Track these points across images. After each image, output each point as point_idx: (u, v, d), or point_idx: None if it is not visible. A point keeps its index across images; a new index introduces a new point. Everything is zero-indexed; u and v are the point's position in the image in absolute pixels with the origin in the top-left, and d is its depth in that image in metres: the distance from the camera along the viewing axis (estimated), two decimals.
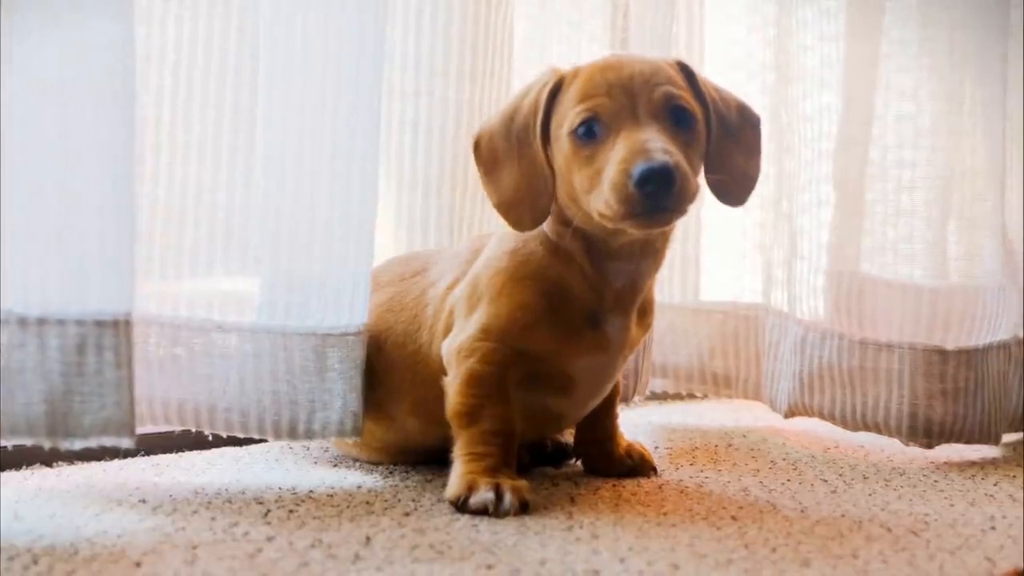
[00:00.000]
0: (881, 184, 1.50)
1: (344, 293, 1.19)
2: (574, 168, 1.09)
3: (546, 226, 1.15)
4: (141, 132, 1.18)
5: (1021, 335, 1.54)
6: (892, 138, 1.50)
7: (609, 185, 1.04)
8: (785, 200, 1.55)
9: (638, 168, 1.02)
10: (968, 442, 1.45)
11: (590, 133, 1.08)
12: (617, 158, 1.04)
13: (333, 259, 1.19)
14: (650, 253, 1.16)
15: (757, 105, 1.58)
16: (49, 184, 1.01)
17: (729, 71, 1.65)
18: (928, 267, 1.49)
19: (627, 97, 1.08)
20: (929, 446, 1.44)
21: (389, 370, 1.22)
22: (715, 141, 1.14)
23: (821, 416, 1.49)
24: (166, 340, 1.17)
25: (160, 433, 1.32)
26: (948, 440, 1.44)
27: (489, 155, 1.15)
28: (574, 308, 1.14)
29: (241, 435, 1.20)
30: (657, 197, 1.02)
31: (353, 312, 1.19)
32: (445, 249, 1.33)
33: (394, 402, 1.22)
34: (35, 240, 1.01)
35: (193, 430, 1.20)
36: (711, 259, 1.70)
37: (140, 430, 1.28)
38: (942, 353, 1.43)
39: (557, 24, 1.54)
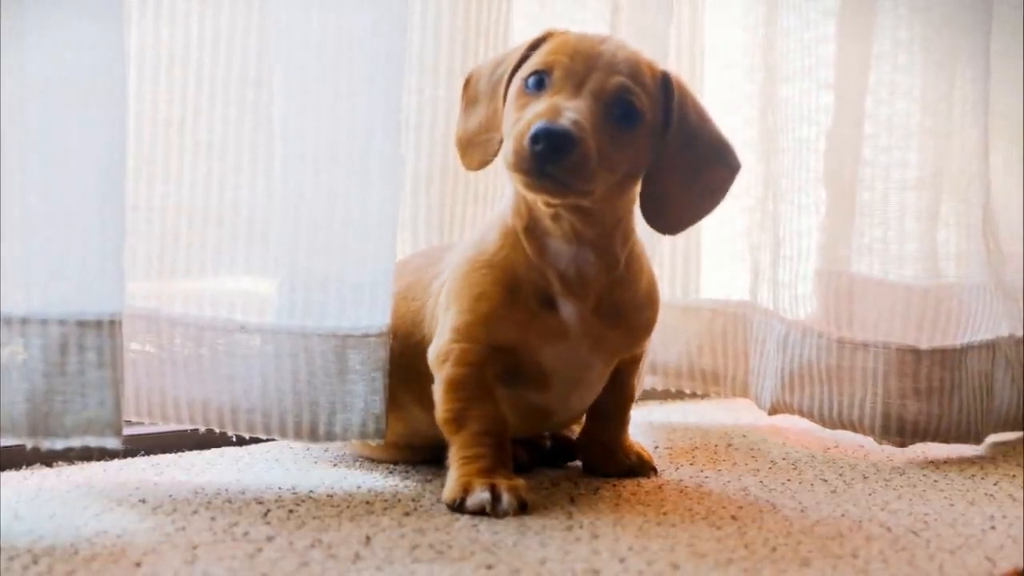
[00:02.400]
0: (866, 183, 1.50)
1: (364, 293, 1.19)
2: (510, 113, 1.11)
3: (508, 207, 1.16)
4: (165, 133, 1.19)
5: (1019, 335, 1.54)
6: (879, 137, 1.50)
7: (515, 133, 1.06)
8: (771, 199, 1.55)
9: (537, 125, 1.03)
10: (945, 441, 1.45)
11: (539, 85, 1.10)
12: (532, 112, 1.06)
13: (353, 258, 1.19)
14: (586, 241, 1.14)
15: (754, 105, 1.60)
16: (34, 184, 1.01)
17: (725, 70, 1.65)
18: (907, 267, 1.50)
19: (584, 68, 1.09)
20: (902, 445, 1.45)
21: (399, 357, 1.22)
22: (670, 157, 1.13)
23: (801, 414, 1.50)
24: (191, 340, 1.18)
25: (160, 433, 1.32)
26: (923, 439, 1.44)
27: (473, 93, 1.19)
28: (527, 291, 1.14)
29: (264, 436, 1.20)
30: (544, 159, 1.03)
31: (374, 312, 1.19)
32: (458, 243, 1.33)
33: (403, 390, 1.22)
34: (19, 240, 1.01)
35: (217, 430, 1.20)
36: (704, 257, 1.70)
37: (145, 430, 1.30)
38: (916, 352, 1.44)
39: (559, 23, 1.54)
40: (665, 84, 1.14)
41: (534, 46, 1.14)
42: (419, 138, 1.41)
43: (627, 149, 1.10)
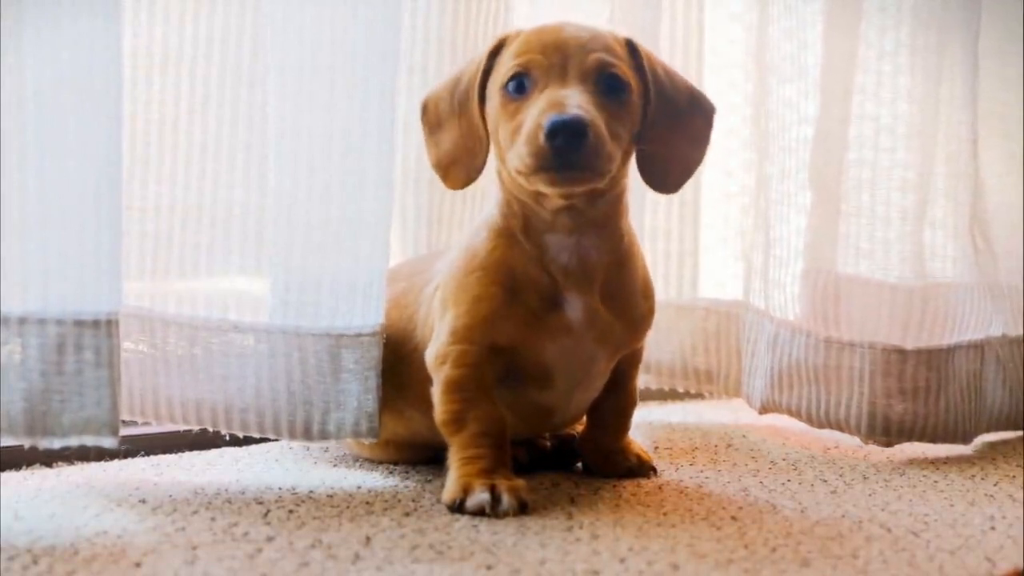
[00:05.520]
0: (852, 183, 1.50)
1: (358, 293, 1.19)
2: (501, 123, 1.11)
3: (496, 210, 1.16)
4: (159, 133, 1.19)
5: (1011, 334, 1.54)
6: (866, 137, 1.49)
7: (524, 138, 1.05)
8: (763, 199, 1.55)
9: (549, 119, 1.03)
10: (932, 441, 1.45)
11: (520, 88, 1.10)
12: (535, 111, 1.06)
13: (347, 258, 1.19)
14: (590, 226, 1.14)
15: (751, 104, 1.60)
16: (32, 183, 1.01)
17: (725, 69, 1.65)
18: (893, 267, 1.49)
19: (560, 56, 1.09)
20: (888, 444, 1.45)
21: (395, 363, 1.22)
22: (653, 117, 1.14)
23: (790, 413, 1.50)
24: (185, 340, 1.18)
25: (160, 433, 1.32)
26: (909, 439, 1.44)
27: (434, 116, 1.18)
28: (528, 291, 1.14)
29: (257, 435, 1.21)
30: (566, 151, 1.03)
31: (367, 312, 1.19)
32: (448, 249, 1.33)
33: (399, 395, 1.22)
34: (17, 239, 1.01)
35: (210, 429, 1.20)
36: (702, 257, 1.70)
37: (145, 430, 1.30)
38: (901, 352, 1.44)
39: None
40: (632, 49, 1.15)
41: (493, 54, 1.14)
42: (408, 139, 1.41)
43: (624, 119, 1.11)
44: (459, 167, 1.16)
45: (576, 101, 1.05)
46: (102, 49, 1.03)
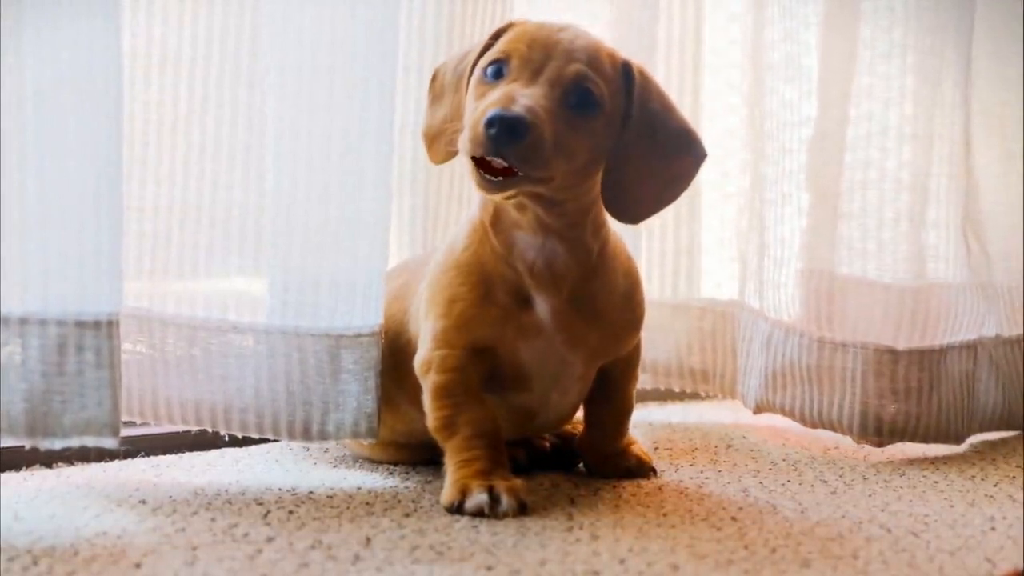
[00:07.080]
0: (848, 184, 1.50)
1: (357, 293, 1.19)
2: (469, 102, 1.11)
3: (478, 203, 1.16)
4: (157, 133, 1.19)
5: (1005, 335, 1.54)
6: (861, 139, 1.50)
7: (470, 122, 1.06)
8: (758, 199, 1.55)
9: (491, 111, 1.03)
10: (924, 441, 1.46)
11: (497, 74, 1.09)
12: (488, 100, 1.06)
13: (346, 259, 1.19)
14: (553, 232, 1.13)
15: (749, 105, 1.60)
16: (32, 184, 1.01)
17: (724, 70, 1.65)
18: (887, 267, 1.50)
19: (542, 56, 1.09)
20: (880, 444, 1.46)
21: (390, 358, 1.22)
22: (629, 145, 1.12)
23: (783, 413, 1.50)
24: (184, 340, 1.18)
25: (160, 434, 1.32)
26: (900, 439, 1.45)
27: (439, 87, 1.19)
28: (499, 288, 1.14)
29: (256, 435, 1.21)
30: (498, 144, 1.02)
31: (367, 312, 1.19)
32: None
33: (396, 390, 1.23)
34: (18, 240, 1.01)
35: (209, 430, 1.20)
36: (704, 257, 1.70)
37: (145, 431, 1.30)
38: (893, 353, 1.44)
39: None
40: (626, 73, 1.13)
41: (496, 36, 1.14)
42: (402, 139, 1.41)
43: (585, 137, 1.09)
44: (441, 141, 1.16)
45: (528, 102, 1.04)
46: (102, 49, 1.03)
